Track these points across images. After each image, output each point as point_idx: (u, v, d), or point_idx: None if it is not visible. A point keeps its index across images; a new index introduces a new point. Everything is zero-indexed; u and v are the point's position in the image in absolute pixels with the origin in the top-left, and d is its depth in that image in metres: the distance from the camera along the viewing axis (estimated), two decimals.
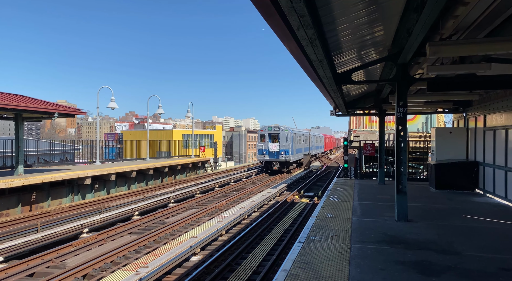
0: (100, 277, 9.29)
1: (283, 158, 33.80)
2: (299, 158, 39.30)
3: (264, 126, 35.82)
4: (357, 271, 5.56)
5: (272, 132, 34.95)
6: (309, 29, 5.02)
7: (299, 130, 42.01)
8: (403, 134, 8.91)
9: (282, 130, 34.45)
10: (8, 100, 15.62)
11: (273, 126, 35.03)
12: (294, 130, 38.02)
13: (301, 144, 40.54)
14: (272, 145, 33.98)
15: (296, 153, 37.34)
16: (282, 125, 35.19)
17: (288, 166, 34.87)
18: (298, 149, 38.52)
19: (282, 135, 34.51)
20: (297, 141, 37.50)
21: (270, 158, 34.23)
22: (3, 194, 15.77)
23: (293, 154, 35.86)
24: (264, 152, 34.42)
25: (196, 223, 15.02)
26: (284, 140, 34.26)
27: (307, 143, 45.26)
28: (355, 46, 9.05)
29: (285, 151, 33.70)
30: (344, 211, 10.00)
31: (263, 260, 10.19)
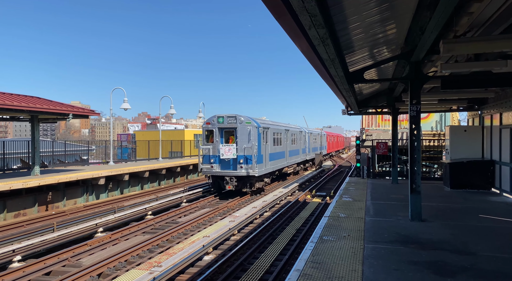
0: (115, 276, 9.43)
1: (243, 169, 19.88)
2: (280, 166, 25.63)
3: (212, 117, 21.09)
4: (371, 271, 5.52)
5: (225, 126, 20.60)
6: (320, 28, 5.01)
7: (278, 124, 26.70)
8: (416, 133, 8.81)
9: (242, 123, 20.24)
10: (24, 102, 15.95)
11: (227, 117, 20.55)
12: (268, 123, 23.38)
13: (284, 144, 27.15)
14: (225, 147, 19.70)
15: (271, 160, 23.37)
16: (242, 115, 20.58)
17: (254, 182, 20.60)
18: (276, 154, 24.74)
19: (242, 131, 20.16)
20: (273, 141, 24.01)
21: (222, 169, 20.43)
22: (20, 194, 16.12)
23: (266, 162, 22.01)
24: (212, 160, 20.42)
25: (208, 222, 15.10)
26: (245, 139, 20.15)
27: (299, 144, 32.90)
28: (367, 45, 8.98)
29: (247, 158, 19.90)
30: (357, 211, 9.94)
31: (275, 260, 10.19)
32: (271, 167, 23.22)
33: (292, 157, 29.63)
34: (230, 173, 20.11)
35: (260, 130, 20.86)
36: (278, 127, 25.70)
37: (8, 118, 20.41)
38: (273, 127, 24.04)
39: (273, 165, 23.86)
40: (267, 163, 22.27)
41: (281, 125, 27.45)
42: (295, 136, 31.09)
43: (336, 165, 45.38)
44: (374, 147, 18.57)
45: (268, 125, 22.78)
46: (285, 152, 27.53)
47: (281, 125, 27.22)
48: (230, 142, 20.62)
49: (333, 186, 25.52)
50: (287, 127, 28.57)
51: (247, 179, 20.44)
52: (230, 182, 20.07)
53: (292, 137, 29.80)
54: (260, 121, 21.99)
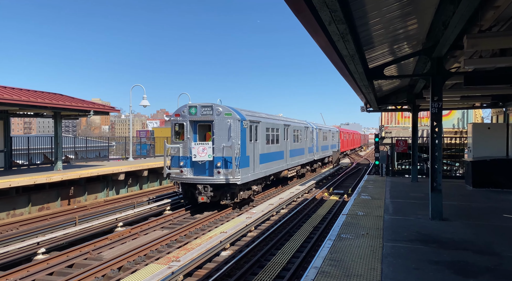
0: (134, 269, 9.61)
1: (221, 175, 15.42)
2: (277, 169, 21.00)
3: (182, 107, 16.40)
4: (390, 269, 5.46)
5: (198, 118, 16.04)
6: (340, 24, 4.95)
7: (274, 117, 21.78)
8: (438, 131, 8.62)
9: (220, 115, 15.62)
10: (48, 99, 16.39)
11: (201, 107, 15.92)
12: (258, 117, 18.53)
13: (283, 143, 22.17)
14: (199, 147, 15.25)
15: (263, 162, 18.53)
16: (221, 105, 16.12)
17: (236, 191, 16.08)
18: (270, 155, 19.77)
19: (220, 125, 15.66)
20: (266, 138, 19.19)
21: (196, 174, 15.92)
22: (44, 189, 16.61)
23: (254, 164, 17.40)
24: (182, 162, 15.94)
25: (225, 218, 15.20)
26: (224, 136, 15.58)
27: (305, 142, 27.86)
28: (387, 41, 8.83)
29: (226, 160, 15.46)
30: (375, 209, 9.82)
31: (292, 257, 10.18)
32: (262, 171, 18.40)
33: (294, 157, 24.70)
34: (203, 179, 15.27)
35: (245, 125, 16.06)
36: (274, 122, 20.66)
37: (32, 115, 21.04)
38: (266, 121, 19.14)
39: (266, 168, 19.09)
40: (256, 166, 17.61)
41: (279, 119, 22.55)
42: (299, 133, 26.13)
43: (353, 162, 44.92)
44: (394, 145, 18.28)
45: (257, 119, 17.93)
46: (285, 152, 22.55)
47: (278, 119, 22.32)
48: (207, 140, 16.11)
49: (350, 184, 25.26)
50: (287, 121, 23.57)
51: (227, 188, 15.64)
52: (203, 192, 15.06)
53: (295, 134, 25.01)
54: (246, 113, 16.98)
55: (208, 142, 15.45)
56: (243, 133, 15.96)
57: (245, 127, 16.08)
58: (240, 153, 15.52)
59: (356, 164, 42.80)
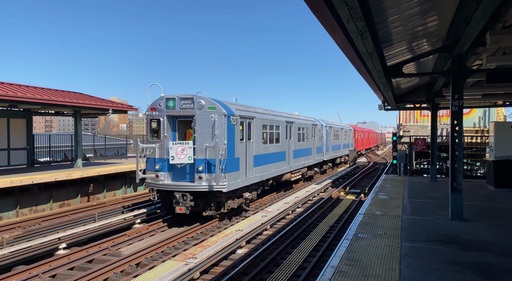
0: (152, 266, 9.75)
1: (203, 181, 13.01)
2: (276, 173, 18.25)
3: (158, 100, 13.88)
4: (409, 270, 5.38)
5: (177, 113, 13.58)
6: (359, 21, 4.90)
7: (272, 113, 18.73)
8: (458, 130, 8.45)
9: (202, 109, 13.21)
10: (68, 98, 16.77)
11: (180, 99, 13.45)
12: (252, 112, 16.03)
13: (284, 142, 19.42)
14: (177, 147, 12.94)
15: (257, 165, 16.06)
16: (204, 97, 13.78)
17: (223, 200, 13.75)
18: (267, 156, 17.21)
19: (202, 121, 13.24)
20: (262, 136, 16.80)
21: (174, 180, 13.58)
22: (64, 186, 17.02)
23: (246, 168, 15.02)
24: (158, 165, 13.55)
25: (241, 216, 15.26)
26: (207, 134, 13.19)
27: (312, 141, 25.03)
28: (406, 38, 8.70)
29: (209, 163, 13.06)
30: (393, 209, 9.70)
31: (308, 256, 10.15)
32: (257, 175, 15.91)
33: (299, 158, 22.05)
34: (183, 186, 12.83)
35: (234, 121, 13.54)
36: (274, 118, 17.97)
37: (53, 113, 21.57)
38: (262, 117, 16.44)
39: (263, 171, 16.53)
40: (249, 169, 15.13)
41: (280, 115, 19.57)
42: (305, 132, 23.35)
43: (370, 161, 44.40)
44: (412, 143, 17.98)
45: (251, 114, 15.33)
46: (287, 153, 19.97)
47: (279, 115, 19.39)
48: (188, 138, 13.71)
49: (367, 183, 24.98)
50: (290, 118, 20.79)
51: (211, 196, 13.17)
52: (181, 201, 12.64)
53: (300, 133, 22.35)
54: (237, 108, 14.50)
55: (189, 141, 12.91)
56: (231, 131, 13.43)
57: (233, 124, 13.52)
58: (227, 154, 13.08)
59: (373, 163, 42.29)
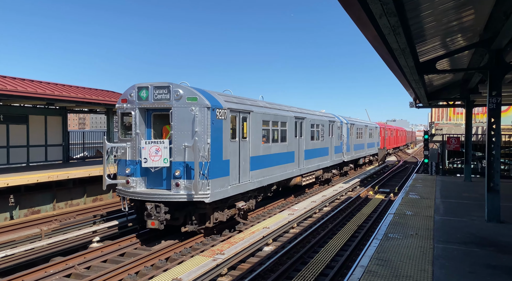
0: (181, 260, 9.94)
1: (181, 189, 10.59)
2: (282, 177, 15.83)
3: (130, 89, 11.37)
4: (442, 272, 5.23)
5: (151, 105, 11.10)
6: (392, 17, 4.79)
7: (275, 107, 15.92)
8: (495, 128, 8.11)
9: (181, 100, 10.69)
10: (101, 96, 17.36)
11: (155, 88, 10.97)
12: (248, 104, 13.30)
13: (292, 141, 16.71)
14: (150, 147, 10.67)
15: (255, 169, 13.45)
16: (181, 86, 10.92)
17: (209, 213, 11.37)
18: (269, 158, 14.56)
19: (180, 115, 10.75)
20: (262, 135, 14.02)
21: (149, 186, 11.28)
22: (97, 181, 17.62)
23: (240, 171, 12.46)
24: (128, 169, 11.20)
25: (267, 214, 15.29)
26: (186, 130, 10.72)
27: (329, 140, 22.04)
28: (440, 33, 8.44)
29: (189, 167, 10.64)
30: (425, 209, 9.44)
31: (336, 255, 10.05)
32: (255, 179, 13.31)
33: (312, 159, 19.19)
34: (155, 195, 10.59)
35: (221, 115, 11.10)
36: (278, 113, 15.16)
37: (86, 111, 22.37)
38: (261, 111, 13.71)
39: (263, 175, 13.93)
40: (244, 173, 12.54)
41: (287, 109, 16.64)
42: (320, 129, 20.40)
43: (400, 160, 43.33)
44: (445, 142, 17.40)
45: (246, 107, 12.67)
46: (296, 153, 17.22)
47: (285, 109, 16.45)
48: (165, 136, 11.52)
49: (397, 183, 24.41)
50: (301, 113, 17.84)
51: (192, 208, 11.01)
52: (154, 213, 10.50)
53: (314, 130, 19.43)
54: (226, 99, 11.95)
55: (164, 140, 10.58)
56: (217, 127, 10.90)
57: (220, 119, 11.00)
58: (211, 156, 10.60)
59: (402, 162, 41.25)
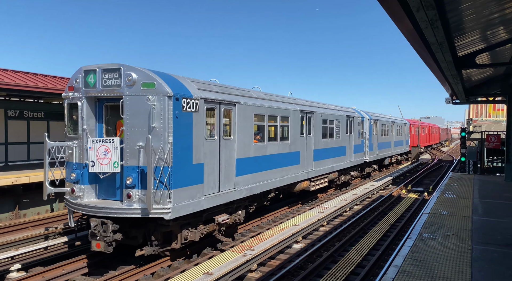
0: (211, 255, 10.11)
1: (134, 202, 8.08)
2: (281, 183, 13.07)
3: (76, 73, 8.89)
4: (481, 274, 5.03)
5: (99, 93, 8.59)
6: (430, 10, 4.63)
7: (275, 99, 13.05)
8: None
9: (134, 87, 8.18)
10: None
11: (103, 70, 8.45)
12: (233, 94, 10.60)
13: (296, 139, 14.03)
14: (99, 147, 8.35)
15: (242, 174, 10.76)
16: (135, 68, 8.29)
17: (176, 231, 8.90)
18: (265, 159, 11.88)
19: (133, 106, 8.20)
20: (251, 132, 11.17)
21: (100, 196, 8.81)
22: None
23: (214, 179, 9.64)
24: (74, 174, 8.64)
25: (296, 212, 15.24)
26: (141, 127, 8.19)
27: (346, 138, 19.18)
28: (480, 26, 8.08)
29: (144, 173, 8.11)
30: (462, 209, 9.09)
31: (367, 254, 9.88)
32: (242, 187, 10.75)
33: (324, 160, 16.54)
34: (103, 209, 8.26)
35: (191, 107, 8.76)
36: (276, 105, 12.56)
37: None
38: (252, 103, 11.20)
39: (254, 181, 11.37)
40: (226, 180, 10.14)
41: (292, 102, 14.07)
42: (335, 125, 17.72)
43: (434, 159, 41.89)
44: (483, 140, 16.66)
45: (230, 98, 10.27)
46: (302, 154, 14.56)
47: (290, 102, 13.93)
48: (118, 133, 8.80)
49: (431, 182, 23.64)
50: (309, 107, 15.24)
51: (153, 225, 8.70)
52: (100, 232, 8.27)
53: (326, 126, 16.73)
54: (199, 87, 9.42)
55: (114, 139, 8.31)
56: (184, 123, 8.56)
57: (189, 112, 8.65)
58: (173, 159, 8.21)
59: (437, 160, 39.87)
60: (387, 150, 27.69)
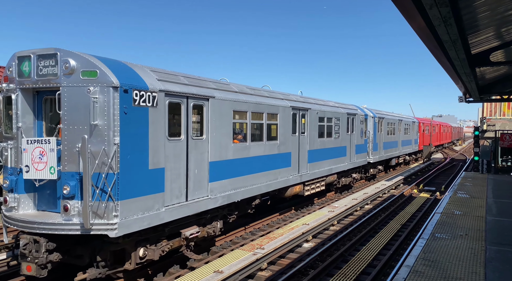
0: (221, 253, 10.15)
1: (72, 216, 6.71)
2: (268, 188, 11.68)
3: (11, 60, 7.47)
4: (496, 275, 4.96)
5: (34, 83, 7.19)
6: (443, 7, 4.56)
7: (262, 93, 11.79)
8: None
9: (72, 76, 6.84)
10: None
11: (38, 56, 7.10)
12: (205, 87, 9.20)
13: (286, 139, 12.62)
14: (34, 149, 6.92)
15: (220, 180, 9.54)
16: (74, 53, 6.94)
17: (128, 250, 7.49)
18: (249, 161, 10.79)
19: (72, 99, 6.85)
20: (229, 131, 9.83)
21: (40, 208, 7.37)
22: None
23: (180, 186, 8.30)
24: (7, 181, 7.22)
25: (306, 211, 15.20)
26: (82, 124, 6.84)
27: (346, 137, 17.65)
28: (494, 23, 7.93)
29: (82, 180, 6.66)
30: (475, 209, 8.96)
31: (378, 254, 9.82)
32: (218, 194, 9.46)
33: (321, 162, 15.19)
34: (36, 224, 6.80)
35: (143, 101, 7.46)
36: (261, 101, 11.29)
37: None
38: (229, 98, 9.85)
39: (233, 187, 10.06)
40: (196, 186, 8.82)
41: (282, 98, 12.71)
42: (334, 123, 16.31)
43: (447, 158, 41.35)
44: (498, 139, 16.38)
45: (201, 92, 8.92)
46: (294, 155, 13.15)
47: (279, 97, 12.54)
48: None
49: (443, 181, 23.34)
50: (301, 103, 13.77)
51: (98, 244, 7.36)
52: (30, 253, 6.81)
53: (323, 125, 15.32)
54: (159, 77, 8.10)
55: (50, 139, 7.03)
56: (136, 119, 7.33)
57: (143, 107, 7.45)
58: (121, 164, 6.96)
59: (450, 159, 39.35)
60: (393, 149, 26.50)
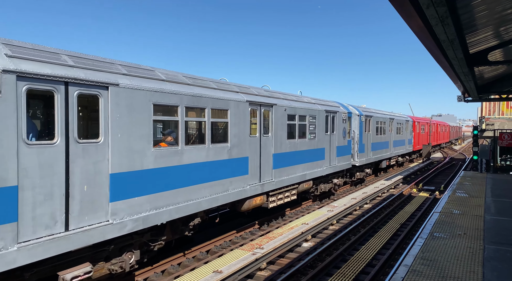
0: (221, 253, 10.16)
1: None
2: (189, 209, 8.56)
3: None
4: (494, 275, 4.96)
5: None
6: (440, 6, 4.57)
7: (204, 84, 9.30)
8: None
9: None
10: None
11: None
12: (74, 65, 6.15)
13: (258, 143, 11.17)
14: None
15: (130, 197, 7.06)
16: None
17: None
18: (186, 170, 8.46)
19: None
20: (148, 131, 7.46)
21: None
22: None
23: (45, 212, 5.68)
24: None
25: (306, 210, 15.21)
26: None
27: (326, 138, 15.61)
28: (492, 23, 7.92)
29: None
30: (474, 208, 8.97)
31: (377, 253, 9.83)
32: (127, 218, 7.03)
33: (290, 167, 13.00)
34: None
35: None
36: (202, 92, 9.01)
37: None
38: (145, 87, 7.39)
39: (153, 206, 7.65)
40: (92, 207, 6.45)
41: (238, 91, 10.61)
42: (309, 122, 14.25)
43: (446, 157, 41.38)
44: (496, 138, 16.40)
45: (101, 77, 6.57)
46: (252, 160, 11.05)
47: (234, 90, 10.46)
48: None
49: (443, 180, 23.36)
50: (263, 97, 11.68)
51: None
52: None
53: (294, 124, 13.27)
54: (19, 52, 5.60)
55: None
56: None
57: None
58: None
59: (449, 158, 39.38)
60: (384, 151, 24.11)
